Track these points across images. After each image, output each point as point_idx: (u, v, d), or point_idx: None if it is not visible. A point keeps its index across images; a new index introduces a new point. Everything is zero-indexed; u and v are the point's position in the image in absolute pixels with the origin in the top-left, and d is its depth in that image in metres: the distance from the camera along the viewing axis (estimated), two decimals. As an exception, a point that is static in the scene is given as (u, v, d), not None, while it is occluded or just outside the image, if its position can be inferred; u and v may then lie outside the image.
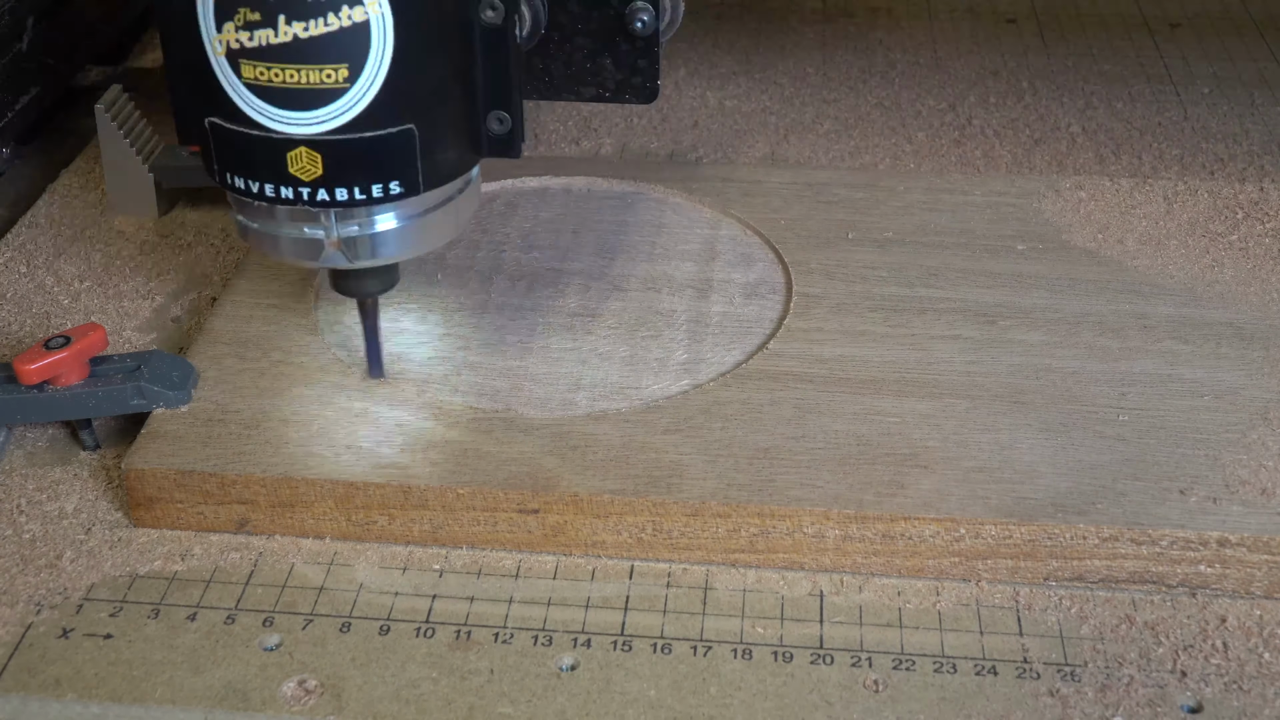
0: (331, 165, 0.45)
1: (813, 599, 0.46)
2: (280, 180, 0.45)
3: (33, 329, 0.59)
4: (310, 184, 0.45)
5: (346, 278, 0.50)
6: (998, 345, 0.54)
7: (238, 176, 0.46)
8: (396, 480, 0.48)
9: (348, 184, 0.45)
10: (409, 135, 0.45)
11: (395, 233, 0.47)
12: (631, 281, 0.59)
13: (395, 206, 0.47)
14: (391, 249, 0.48)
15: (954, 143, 0.72)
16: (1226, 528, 0.46)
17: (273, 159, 0.45)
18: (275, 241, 0.48)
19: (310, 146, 0.44)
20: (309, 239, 0.47)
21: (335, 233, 0.47)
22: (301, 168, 0.45)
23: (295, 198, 0.45)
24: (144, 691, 0.43)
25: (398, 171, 0.45)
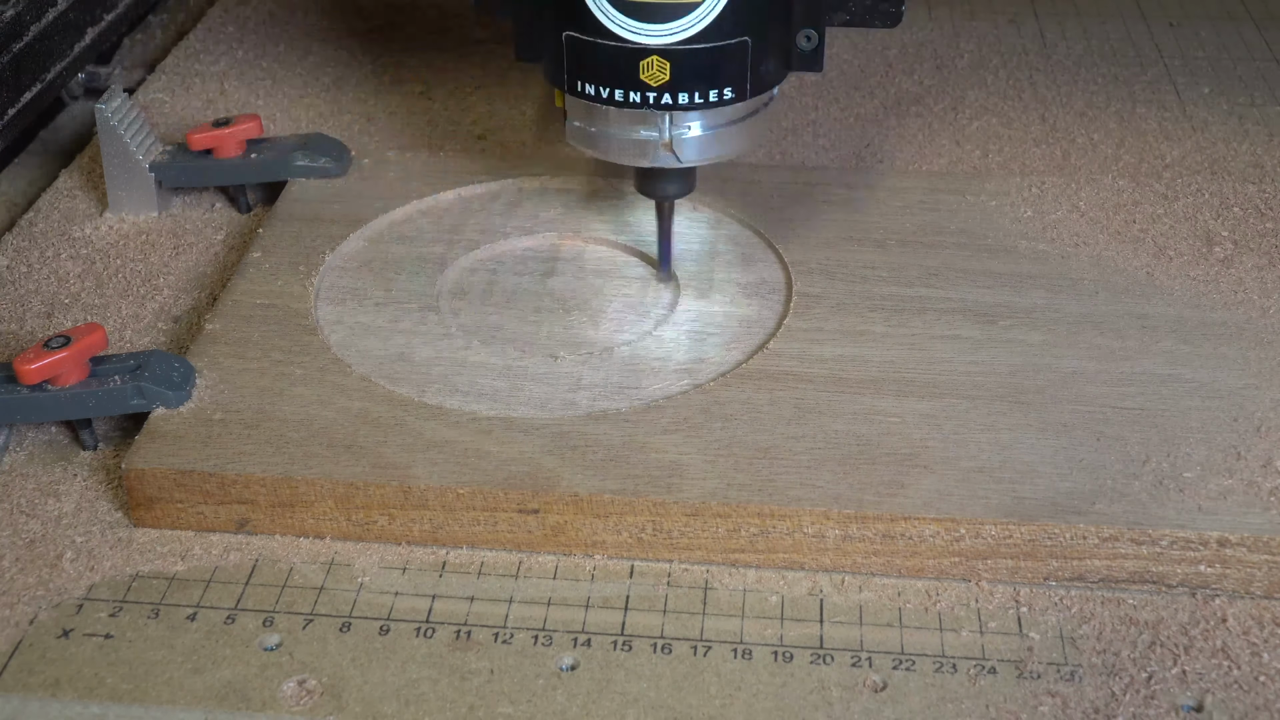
0: (678, 72, 0.51)
1: (813, 599, 0.46)
2: (630, 86, 0.52)
3: (33, 329, 0.59)
4: (657, 89, 0.51)
5: (653, 179, 0.56)
6: (998, 345, 0.54)
7: (589, 84, 0.52)
8: (396, 480, 0.48)
9: (690, 89, 0.52)
10: (744, 46, 0.51)
11: (716, 135, 0.54)
12: (632, 282, 0.59)
13: (719, 112, 0.53)
14: (711, 150, 0.54)
15: (954, 143, 0.72)
16: (1226, 528, 0.46)
17: (627, 66, 0.51)
18: (611, 142, 0.54)
19: (662, 55, 0.51)
20: (643, 140, 0.53)
21: (668, 134, 0.53)
22: (652, 74, 0.51)
23: (643, 101, 0.52)
24: (144, 691, 0.43)
25: (732, 79, 0.52)
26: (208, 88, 0.78)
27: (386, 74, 0.79)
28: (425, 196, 0.64)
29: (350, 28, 0.85)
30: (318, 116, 0.74)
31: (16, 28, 0.70)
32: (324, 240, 0.60)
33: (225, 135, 0.65)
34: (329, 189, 0.64)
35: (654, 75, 0.51)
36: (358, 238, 0.61)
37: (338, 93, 0.77)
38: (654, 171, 0.55)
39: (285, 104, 0.76)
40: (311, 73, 0.79)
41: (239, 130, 0.65)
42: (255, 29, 0.85)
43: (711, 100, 0.52)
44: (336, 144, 0.66)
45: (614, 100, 0.52)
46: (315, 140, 0.66)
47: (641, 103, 0.52)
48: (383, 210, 0.63)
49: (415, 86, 0.78)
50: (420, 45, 0.83)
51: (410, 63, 0.81)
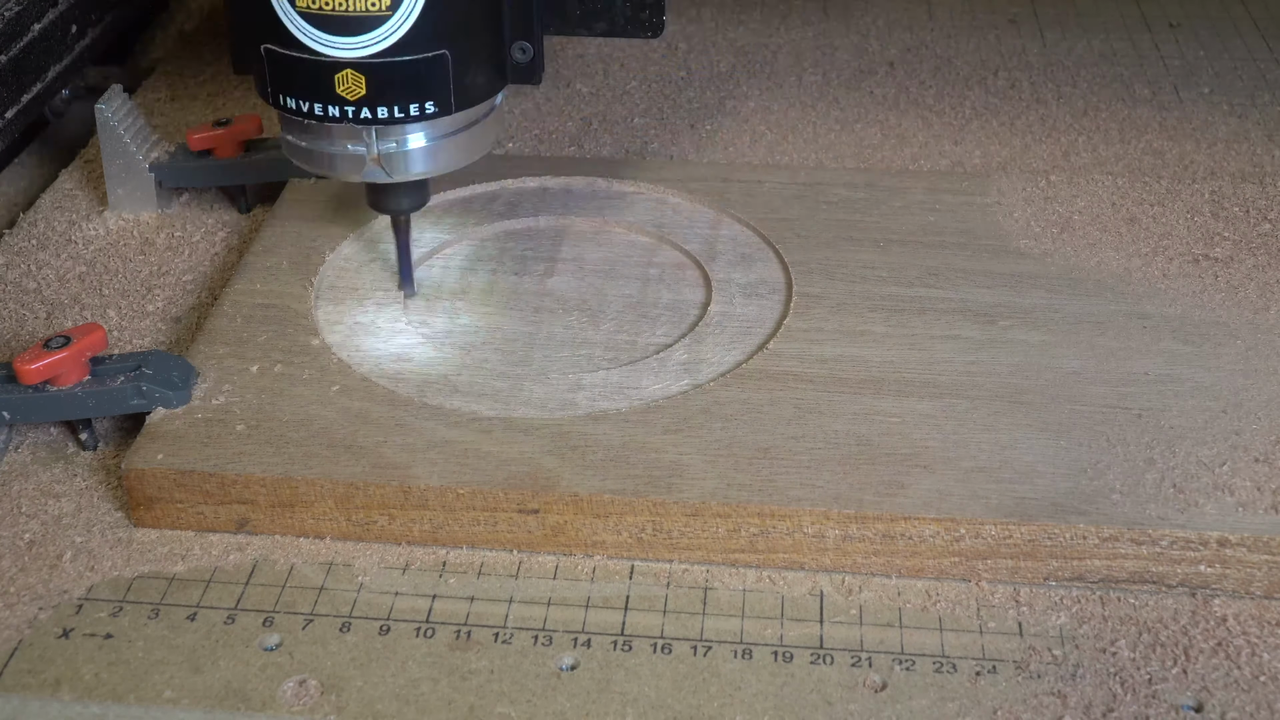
0: (374, 86, 0.50)
1: (813, 599, 0.46)
2: (328, 100, 0.51)
3: (33, 329, 0.59)
4: (355, 103, 0.50)
5: (382, 194, 0.55)
6: (998, 345, 0.54)
7: (290, 97, 0.51)
8: (396, 480, 0.48)
9: (388, 103, 0.51)
10: (443, 59, 0.50)
11: (428, 150, 0.53)
12: (631, 282, 0.59)
13: (429, 125, 0.52)
14: (424, 165, 0.53)
15: (954, 142, 0.72)
16: (1226, 528, 0.46)
17: (322, 80, 0.50)
18: (323, 158, 0.53)
19: (355, 69, 0.50)
20: (352, 155, 0.52)
21: (376, 149, 0.52)
22: (348, 88, 0.50)
23: (341, 115, 0.51)
24: (144, 691, 0.43)
25: (432, 92, 0.51)
26: (208, 88, 0.78)
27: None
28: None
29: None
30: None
31: (17, 27, 0.70)
32: (324, 240, 0.60)
33: (225, 135, 0.65)
34: (329, 189, 0.64)
35: (350, 89, 0.50)
36: (358, 238, 0.61)
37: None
38: (379, 186, 0.55)
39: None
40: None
41: (239, 130, 0.65)
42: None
43: (414, 114, 0.51)
44: None
45: (314, 114, 0.51)
46: None
47: (341, 117, 0.51)
48: (383, 210, 0.62)
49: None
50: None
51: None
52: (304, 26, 0.49)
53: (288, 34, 0.50)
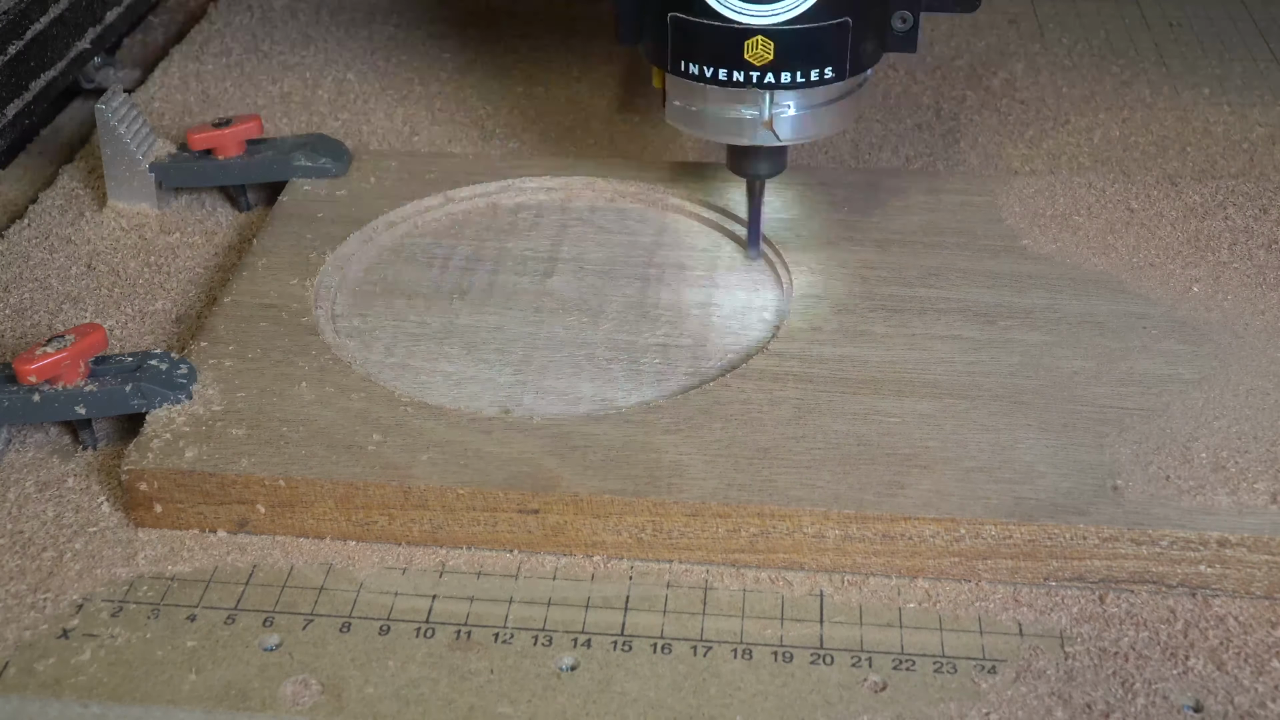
0: (782, 52, 0.53)
1: (813, 599, 0.46)
2: (734, 65, 0.53)
3: (33, 329, 0.59)
4: (761, 69, 0.53)
5: (748, 158, 0.57)
6: (998, 345, 0.54)
7: (693, 63, 0.54)
8: (396, 480, 0.48)
9: (792, 69, 0.53)
10: (845, 27, 0.53)
11: (813, 115, 0.55)
12: (631, 282, 0.59)
13: (816, 92, 0.55)
14: (809, 129, 0.56)
15: (954, 142, 0.72)
16: (1226, 528, 0.46)
17: (731, 47, 0.53)
18: (711, 121, 0.56)
19: (766, 35, 0.52)
20: (746, 119, 0.55)
21: (768, 113, 0.54)
22: (756, 54, 0.53)
23: (746, 80, 0.53)
24: (144, 691, 0.43)
25: (832, 58, 0.53)
26: (208, 88, 0.78)
27: (387, 74, 0.79)
28: (425, 196, 0.63)
29: (350, 28, 0.85)
30: (318, 116, 0.74)
31: (18, 26, 0.70)
32: (324, 240, 0.60)
33: (225, 135, 0.65)
34: (329, 189, 0.64)
35: (758, 55, 0.53)
36: (358, 238, 0.61)
37: (338, 93, 0.77)
38: (749, 150, 0.57)
39: (285, 104, 0.76)
40: (311, 73, 0.79)
41: (239, 130, 0.65)
42: (255, 29, 0.85)
43: (813, 80, 0.53)
44: (336, 144, 0.66)
45: (717, 80, 0.53)
46: (315, 140, 0.66)
47: (745, 82, 0.53)
48: (383, 210, 0.62)
49: (415, 86, 0.78)
50: (420, 45, 0.83)
51: (410, 62, 0.81)
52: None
53: (702, 3, 0.52)
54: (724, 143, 0.57)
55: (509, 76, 0.79)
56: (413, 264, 0.60)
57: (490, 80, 0.79)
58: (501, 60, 0.81)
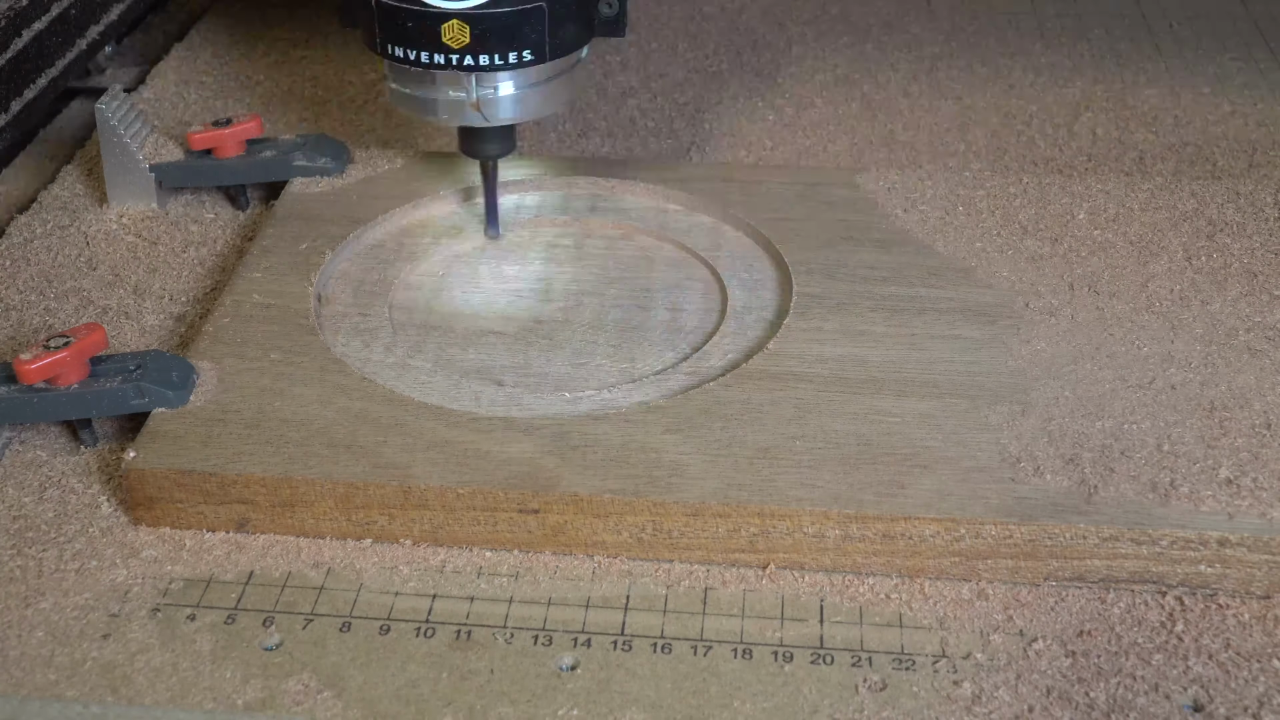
0: (478, 35, 0.54)
1: (813, 599, 0.46)
2: (435, 48, 0.55)
3: (33, 329, 0.59)
4: (459, 51, 0.55)
5: (473, 139, 0.59)
6: (998, 345, 0.54)
7: (398, 46, 0.56)
8: (396, 480, 0.48)
9: (489, 51, 0.55)
10: (540, 11, 0.55)
11: (521, 96, 0.57)
12: (631, 282, 0.59)
13: (523, 74, 0.57)
14: (517, 110, 0.58)
15: (954, 142, 0.72)
16: (1226, 528, 0.46)
17: (430, 30, 0.54)
18: (426, 103, 0.58)
19: (461, 19, 0.54)
20: (454, 100, 0.57)
21: (475, 95, 0.56)
22: (453, 37, 0.54)
23: (446, 63, 0.55)
24: (144, 692, 0.43)
25: (530, 42, 0.55)
26: (207, 88, 0.78)
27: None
28: (425, 196, 0.63)
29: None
30: (318, 116, 0.74)
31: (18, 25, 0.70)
32: (324, 240, 0.60)
33: (225, 135, 0.65)
34: (329, 189, 0.64)
35: (455, 38, 0.54)
36: (358, 238, 0.61)
37: (338, 93, 0.77)
38: (473, 132, 0.59)
39: (285, 104, 0.76)
40: (311, 73, 0.79)
41: (239, 130, 0.65)
42: (255, 29, 0.85)
43: (511, 62, 0.55)
44: (336, 144, 0.66)
45: (420, 62, 0.55)
46: (315, 140, 0.66)
47: (445, 64, 0.55)
48: (383, 210, 0.62)
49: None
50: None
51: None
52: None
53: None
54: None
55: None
56: (413, 264, 0.60)
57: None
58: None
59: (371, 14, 0.56)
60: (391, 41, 0.56)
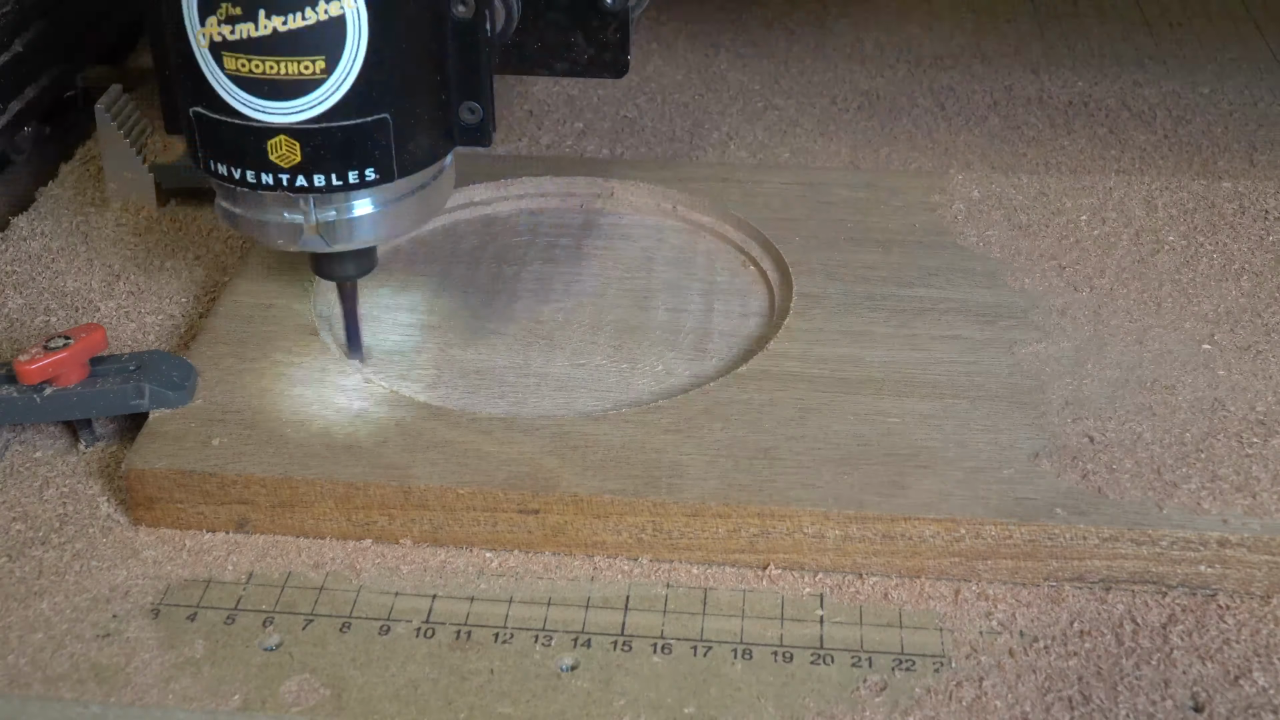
0: (309, 152, 0.47)
1: (813, 599, 0.46)
2: (262, 167, 0.47)
3: (33, 329, 0.59)
4: (289, 170, 0.47)
5: (326, 261, 0.52)
6: (998, 345, 0.54)
7: (221, 164, 0.48)
8: (396, 480, 0.48)
9: (325, 170, 0.47)
10: (384, 124, 0.47)
11: (370, 217, 0.49)
12: (632, 282, 0.59)
13: (371, 192, 0.49)
14: (367, 233, 0.50)
15: (954, 142, 0.72)
16: (1226, 528, 0.46)
17: (254, 146, 0.47)
18: (258, 226, 0.50)
19: (289, 135, 0.46)
20: (289, 223, 0.49)
21: (314, 217, 0.49)
22: (281, 155, 0.47)
23: (276, 184, 0.47)
24: (143, 692, 0.43)
25: (373, 159, 0.47)
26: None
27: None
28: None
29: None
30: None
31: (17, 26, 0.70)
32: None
33: None
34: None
35: (284, 156, 0.47)
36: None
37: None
38: (322, 254, 0.51)
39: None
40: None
41: None
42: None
43: (353, 182, 0.47)
44: None
45: (247, 181, 0.48)
46: None
47: (275, 185, 0.47)
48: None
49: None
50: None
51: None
52: (233, 90, 0.46)
53: (217, 98, 0.46)
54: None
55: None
56: (413, 263, 0.60)
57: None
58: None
59: (190, 126, 0.48)
60: (214, 158, 0.48)
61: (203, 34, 0.45)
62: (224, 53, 0.45)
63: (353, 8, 0.45)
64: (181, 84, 0.47)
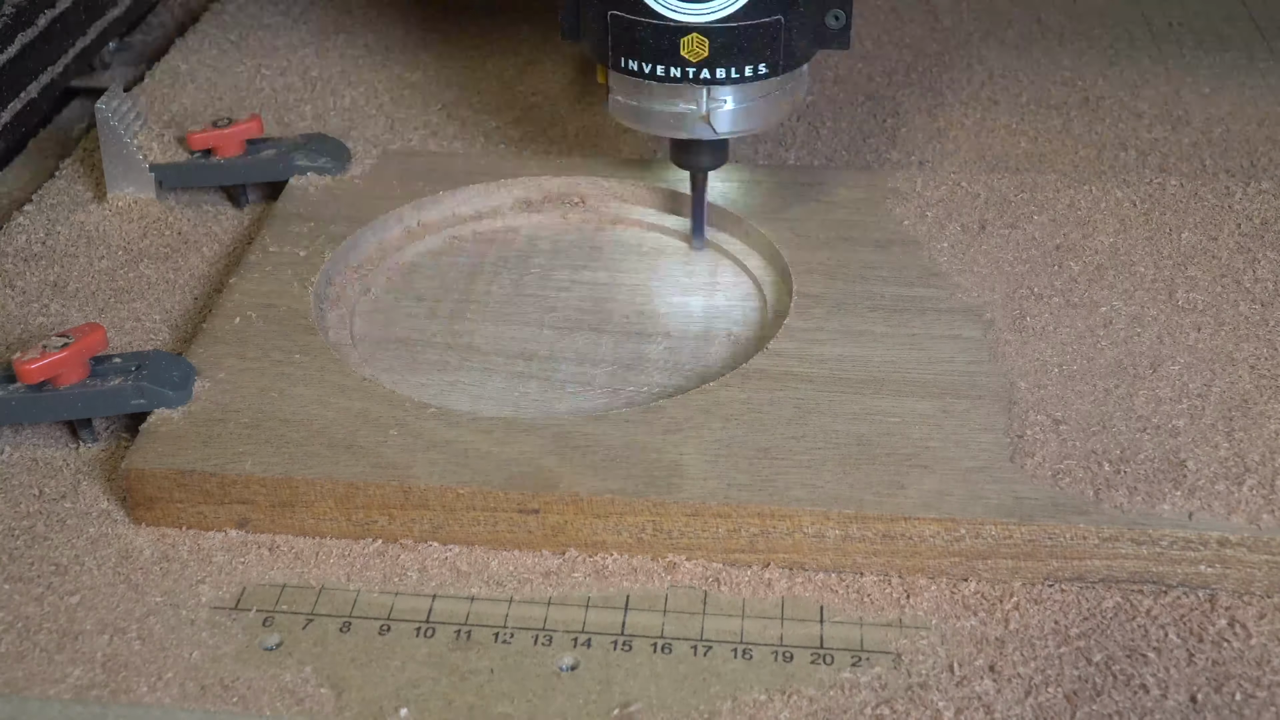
0: (716, 49, 0.54)
1: (813, 599, 0.46)
2: (671, 62, 0.55)
3: (33, 329, 0.59)
4: (697, 65, 0.54)
5: (689, 151, 0.58)
6: (998, 345, 0.54)
7: (632, 60, 0.55)
8: (396, 480, 0.48)
9: (727, 65, 0.55)
10: (777, 25, 0.54)
11: (750, 108, 0.57)
12: (634, 285, 0.59)
13: (752, 87, 0.56)
14: (747, 122, 0.57)
15: (954, 142, 0.72)
16: (1226, 528, 0.46)
17: (668, 43, 0.54)
18: (652, 115, 0.57)
19: (701, 33, 0.54)
20: (682, 112, 0.56)
21: (705, 107, 0.56)
22: (691, 51, 0.54)
23: (683, 76, 0.55)
24: (143, 692, 0.43)
25: (766, 55, 0.55)
26: (207, 87, 0.78)
27: (386, 73, 0.79)
28: (425, 196, 0.63)
29: (351, 28, 0.85)
30: (318, 116, 0.74)
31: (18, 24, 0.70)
32: (324, 240, 0.60)
33: (225, 135, 0.65)
34: (329, 189, 0.64)
35: (694, 51, 0.54)
36: (358, 237, 0.61)
37: (338, 93, 0.77)
38: (689, 143, 0.58)
39: (285, 104, 0.76)
40: (311, 72, 0.79)
41: (239, 130, 0.65)
42: (255, 28, 0.85)
43: (747, 75, 0.55)
44: (336, 144, 0.66)
45: (655, 75, 0.55)
46: (315, 140, 0.66)
47: (682, 78, 0.55)
48: (383, 210, 0.62)
49: (416, 87, 0.78)
50: (421, 45, 0.83)
51: (410, 62, 0.81)
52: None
53: (639, 1, 0.53)
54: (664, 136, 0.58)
55: (511, 76, 0.79)
56: (412, 264, 0.60)
57: (491, 79, 0.79)
58: (504, 59, 0.81)
59: (604, 27, 0.55)
60: (625, 55, 0.55)
61: None
62: None
63: None
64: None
